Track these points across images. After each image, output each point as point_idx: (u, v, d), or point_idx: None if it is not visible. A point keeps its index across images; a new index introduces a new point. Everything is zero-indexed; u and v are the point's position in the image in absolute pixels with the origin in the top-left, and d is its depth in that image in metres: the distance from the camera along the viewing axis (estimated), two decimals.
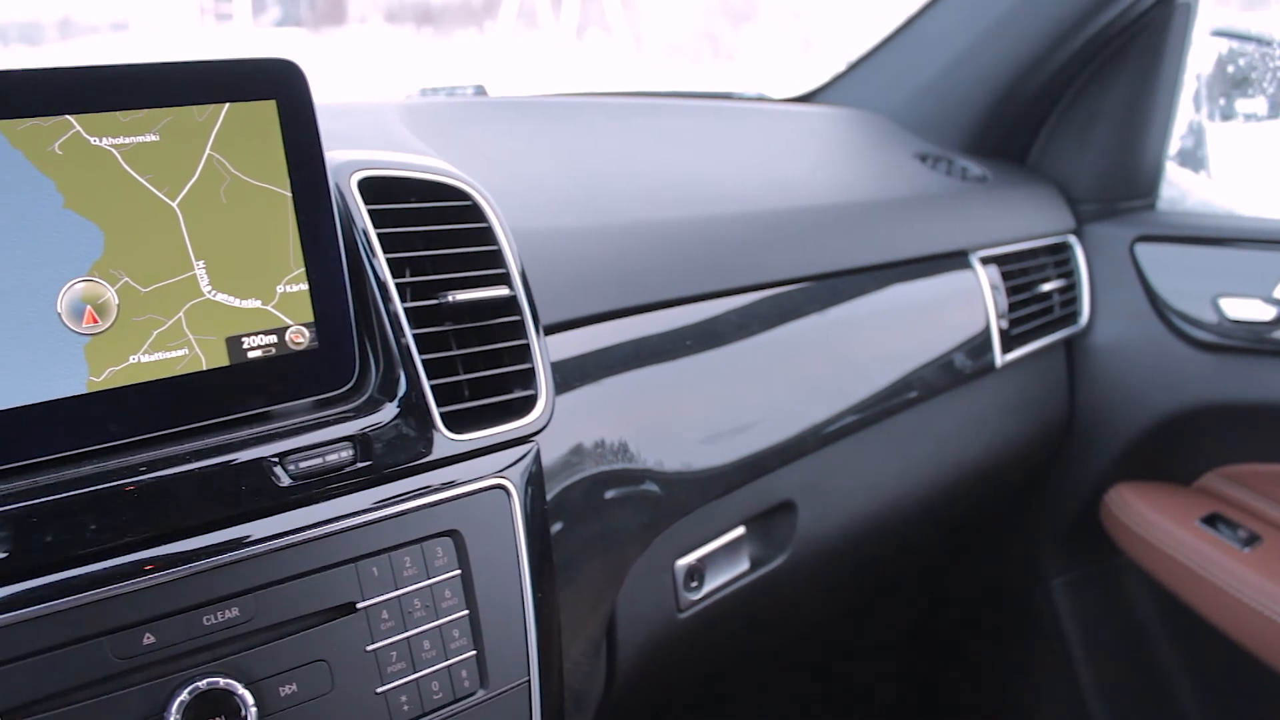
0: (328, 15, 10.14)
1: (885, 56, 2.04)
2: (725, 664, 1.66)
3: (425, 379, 0.94)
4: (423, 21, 10.51)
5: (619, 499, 1.13)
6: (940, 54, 1.94)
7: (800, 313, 1.41)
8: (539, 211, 1.17)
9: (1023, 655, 2.13)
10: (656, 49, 9.73)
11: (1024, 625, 2.11)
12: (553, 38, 9.39)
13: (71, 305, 0.83)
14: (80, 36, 8.58)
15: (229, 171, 0.90)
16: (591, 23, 9.75)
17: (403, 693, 0.89)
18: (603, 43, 9.43)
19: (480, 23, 10.38)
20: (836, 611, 1.89)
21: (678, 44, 9.87)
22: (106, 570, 0.79)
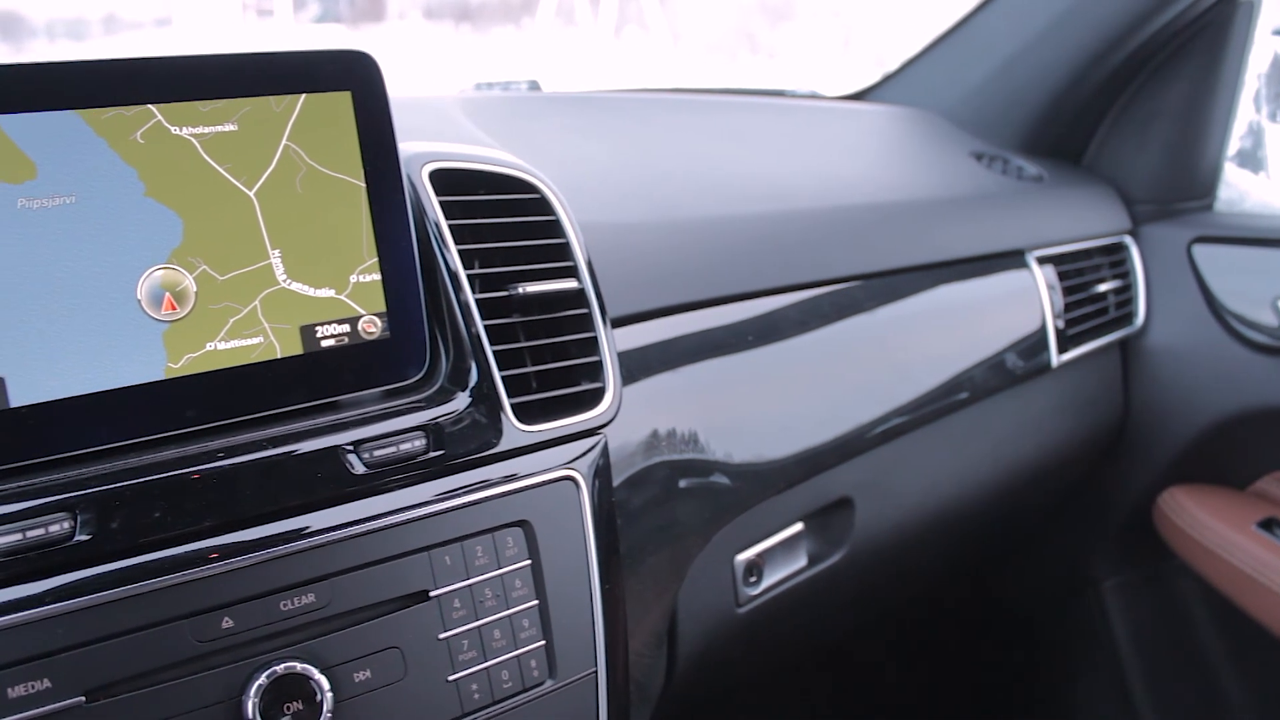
0: (367, 12, 10.20)
1: (940, 55, 2.03)
2: (780, 660, 1.66)
3: (497, 370, 0.95)
4: (461, 18, 10.54)
5: (681, 492, 1.13)
6: (997, 52, 1.93)
7: (859, 310, 1.41)
8: (601, 205, 1.17)
9: (1072, 657, 2.11)
10: (694, 47, 9.70)
11: (1074, 627, 2.09)
12: (591, 35, 9.39)
13: (151, 292, 0.84)
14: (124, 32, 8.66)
15: (304, 161, 0.91)
16: (629, 20, 9.74)
17: (473, 681, 0.90)
18: (641, 40, 9.42)
19: (518, 20, 10.40)
20: (889, 609, 1.89)
21: (715, 42, 9.85)
22: (186, 554, 0.80)
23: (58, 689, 0.75)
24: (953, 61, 2.01)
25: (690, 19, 10.74)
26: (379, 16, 10.32)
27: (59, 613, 0.76)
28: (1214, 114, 1.93)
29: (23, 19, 7.02)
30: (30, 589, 0.76)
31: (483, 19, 10.50)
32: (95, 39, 8.24)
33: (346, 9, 10.40)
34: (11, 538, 0.75)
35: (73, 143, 0.83)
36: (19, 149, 0.81)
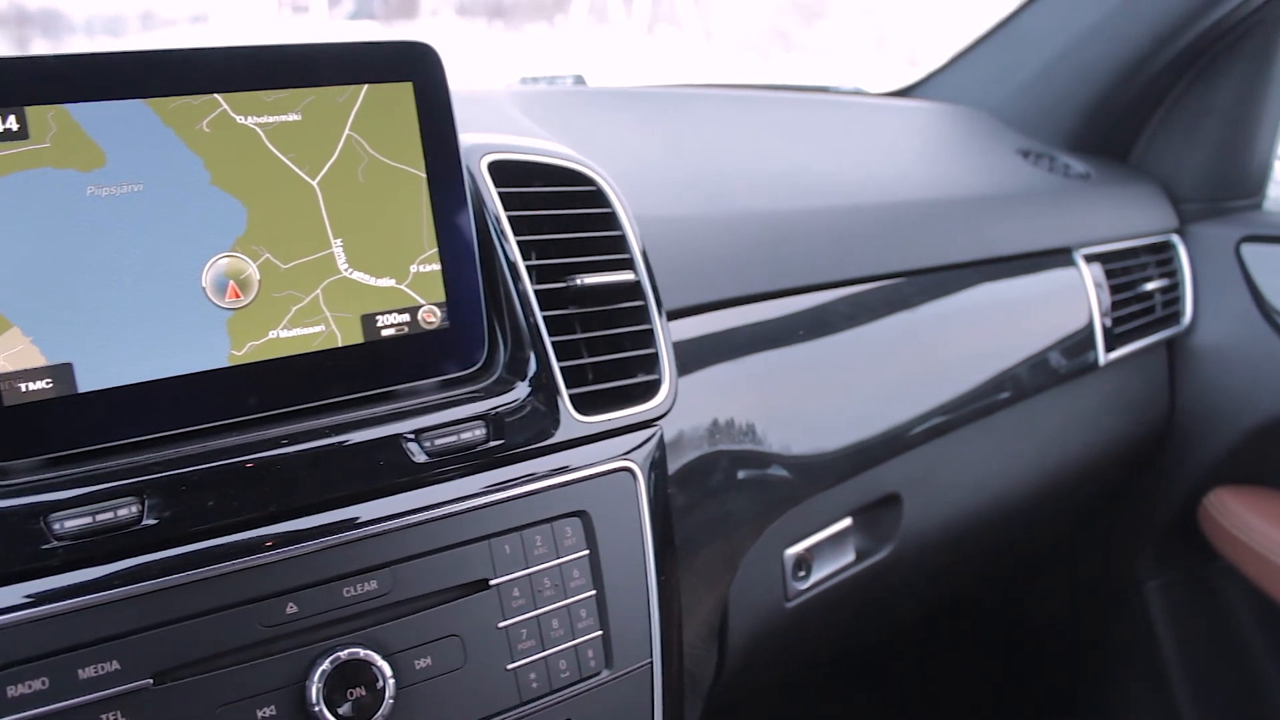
0: (400, 8, 10.22)
1: (985, 52, 2.02)
2: (824, 655, 1.66)
3: (555, 360, 0.95)
4: (494, 15, 10.56)
5: (734, 484, 1.13)
6: (1044, 50, 1.92)
7: (907, 305, 1.41)
8: (652, 198, 1.17)
9: (1114, 657, 2.10)
10: (727, 44, 9.69)
11: (1116, 628, 2.08)
12: (624, 33, 9.39)
13: (215, 280, 0.85)
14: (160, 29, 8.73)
15: (366, 152, 0.91)
16: (662, 18, 9.73)
17: (532, 670, 0.90)
18: (673, 38, 9.41)
19: (551, 17, 10.40)
20: (933, 606, 1.88)
21: (748, 40, 9.82)
22: (252, 540, 0.81)
23: (126, 671, 0.76)
24: (999, 59, 2.00)
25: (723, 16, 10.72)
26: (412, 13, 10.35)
27: (128, 596, 0.77)
28: (1264, 113, 1.92)
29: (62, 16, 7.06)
30: (100, 572, 0.77)
31: (515, 16, 10.51)
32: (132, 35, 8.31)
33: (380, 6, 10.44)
34: (81, 521, 0.76)
35: (141, 131, 0.84)
36: (89, 137, 0.82)
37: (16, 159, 0.80)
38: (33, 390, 0.79)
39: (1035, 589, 2.15)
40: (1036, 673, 2.18)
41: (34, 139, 0.80)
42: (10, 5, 5.32)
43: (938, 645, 2.12)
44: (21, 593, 0.75)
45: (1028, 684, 2.18)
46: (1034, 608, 2.16)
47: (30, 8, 5.91)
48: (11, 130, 0.80)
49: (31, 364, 0.79)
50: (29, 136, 0.80)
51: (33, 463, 0.80)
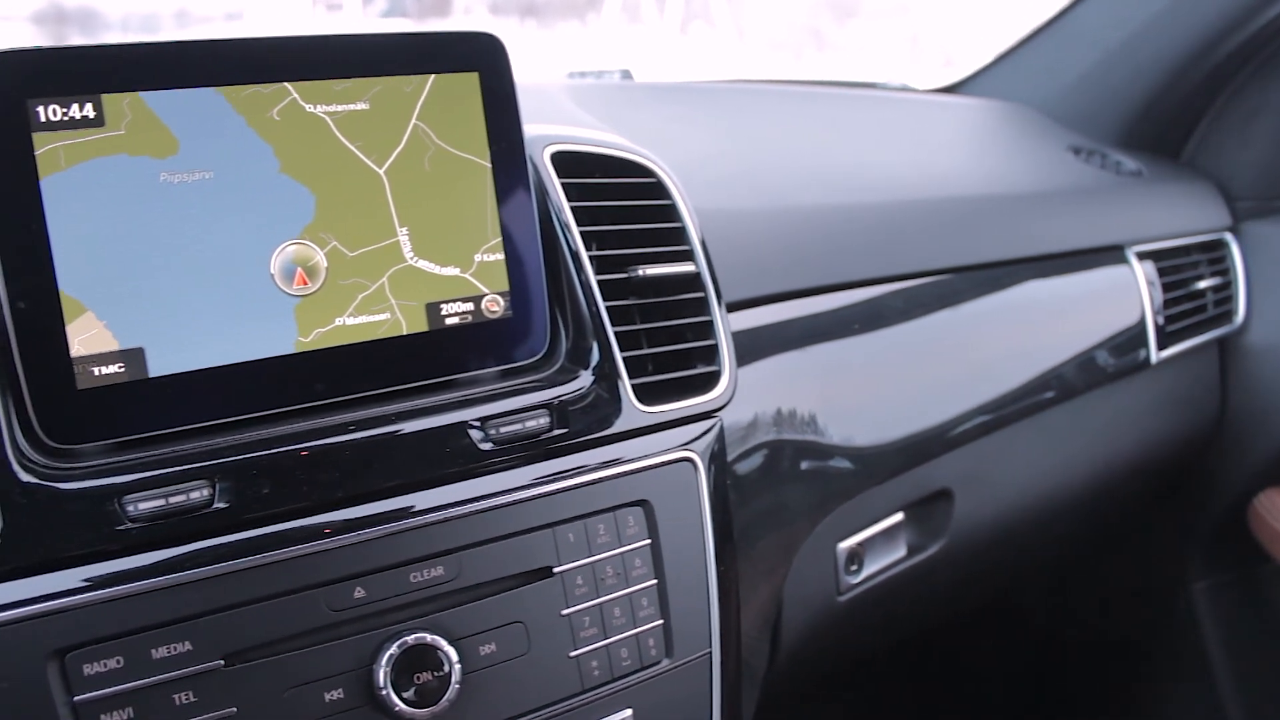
0: (433, 6, 10.24)
1: (1035, 49, 2.01)
2: (875, 649, 1.66)
3: (618, 350, 0.95)
4: (526, 13, 10.57)
5: (790, 476, 1.13)
6: (1096, 46, 1.90)
7: (959, 300, 1.40)
8: (706, 192, 1.17)
9: (1160, 658, 2.08)
10: (759, 43, 9.67)
11: (1163, 628, 2.06)
12: (656, 31, 9.40)
13: (284, 267, 0.86)
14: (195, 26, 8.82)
15: (433, 141, 0.92)
16: (695, 16, 9.73)
17: (594, 658, 0.91)
18: (706, 36, 9.41)
19: (583, 15, 10.41)
20: (982, 602, 1.88)
21: (781, 39, 9.81)
22: (320, 524, 0.82)
23: (198, 651, 0.77)
24: (1048, 55, 1.99)
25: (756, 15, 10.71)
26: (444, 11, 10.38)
27: (199, 578, 0.78)
28: None
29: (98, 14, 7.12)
30: (172, 553, 0.78)
31: (548, 14, 10.53)
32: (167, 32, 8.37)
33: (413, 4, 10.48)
34: (154, 503, 0.77)
35: (213, 119, 0.85)
36: (163, 124, 0.83)
37: (93, 146, 0.81)
38: (105, 374, 0.80)
39: (1082, 587, 2.13)
40: (1081, 671, 2.17)
41: (110, 126, 0.81)
42: (49, 4, 5.37)
43: (983, 641, 2.11)
44: (97, 573, 0.76)
45: (1072, 682, 2.17)
46: (1080, 606, 2.15)
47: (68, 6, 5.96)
48: (88, 117, 0.81)
49: (105, 348, 0.80)
50: (105, 124, 0.81)
51: (103, 446, 0.80)
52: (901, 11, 9.79)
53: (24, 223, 0.78)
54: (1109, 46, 1.89)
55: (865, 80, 2.02)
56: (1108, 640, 2.14)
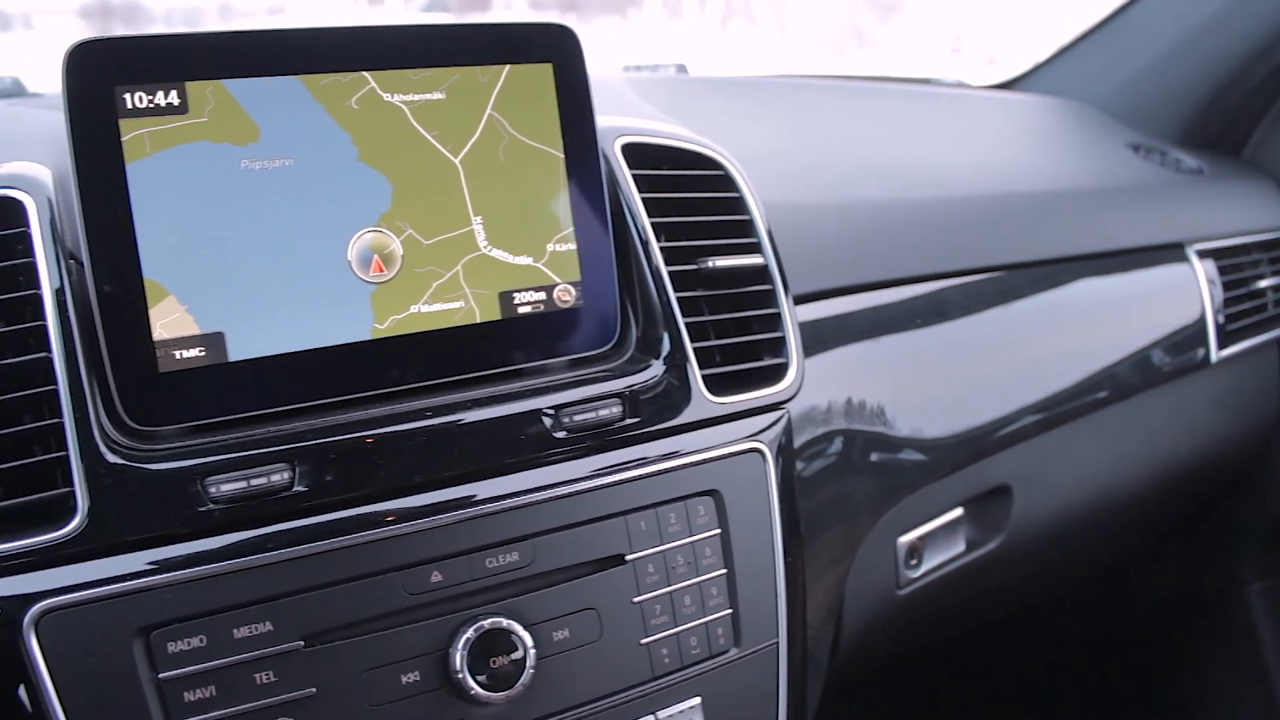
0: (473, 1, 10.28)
1: (1092, 46, 2.00)
2: (932, 643, 1.66)
3: (689, 341, 0.96)
4: (566, 9, 10.59)
5: (853, 469, 1.13)
6: (1156, 43, 1.89)
7: (1019, 296, 1.40)
8: (769, 185, 1.17)
9: (1214, 660, 2.06)
10: (800, 40, 9.63)
11: (1218, 631, 2.04)
12: (697, 27, 9.38)
13: (361, 254, 0.87)
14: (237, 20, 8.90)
15: (507, 131, 0.93)
16: (735, 13, 9.70)
17: (664, 645, 0.91)
18: (746, 33, 9.38)
19: (624, 11, 10.41)
20: (1038, 599, 1.87)
21: (822, 35, 9.76)
22: (397, 509, 0.83)
23: (279, 632, 0.78)
24: (1106, 52, 1.97)
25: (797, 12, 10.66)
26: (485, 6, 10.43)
27: (280, 560, 0.79)
28: None
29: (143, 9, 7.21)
30: (253, 535, 0.79)
31: (588, 10, 10.53)
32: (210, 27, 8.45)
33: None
34: (236, 485, 0.78)
35: (293, 107, 0.86)
36: (245, 112, 0.84)
37: (177, 132, 0.82)
38: (186, 358, 0.81)
39: (1137, 586, 2.11)
40: (1134, 672, 2.15)
41: (193, 113, 0.83)
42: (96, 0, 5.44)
43: (1038, 638, 2.10)
44: (180, 553, 0.77)
45: (1125, 683, 2.15)
46: (1135, 605, 2.13)
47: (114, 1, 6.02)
48: (173, 104, 0.82)
49: (186, 332, 0.81)
50: (189, 111, 0.82)
51: (182, 429, 0.82)
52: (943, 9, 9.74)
53: (110, 208, 0.79)
54: (1169, 43, 1.88)
55: (919, 76, 2.01)
56: (1161, 641, 2.12)
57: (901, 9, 10.20)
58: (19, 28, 4.45)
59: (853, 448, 1.13)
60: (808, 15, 10.04)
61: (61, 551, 0.75)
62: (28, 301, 0.80)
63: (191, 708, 0.76)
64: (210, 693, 0.76)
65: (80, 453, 0.76)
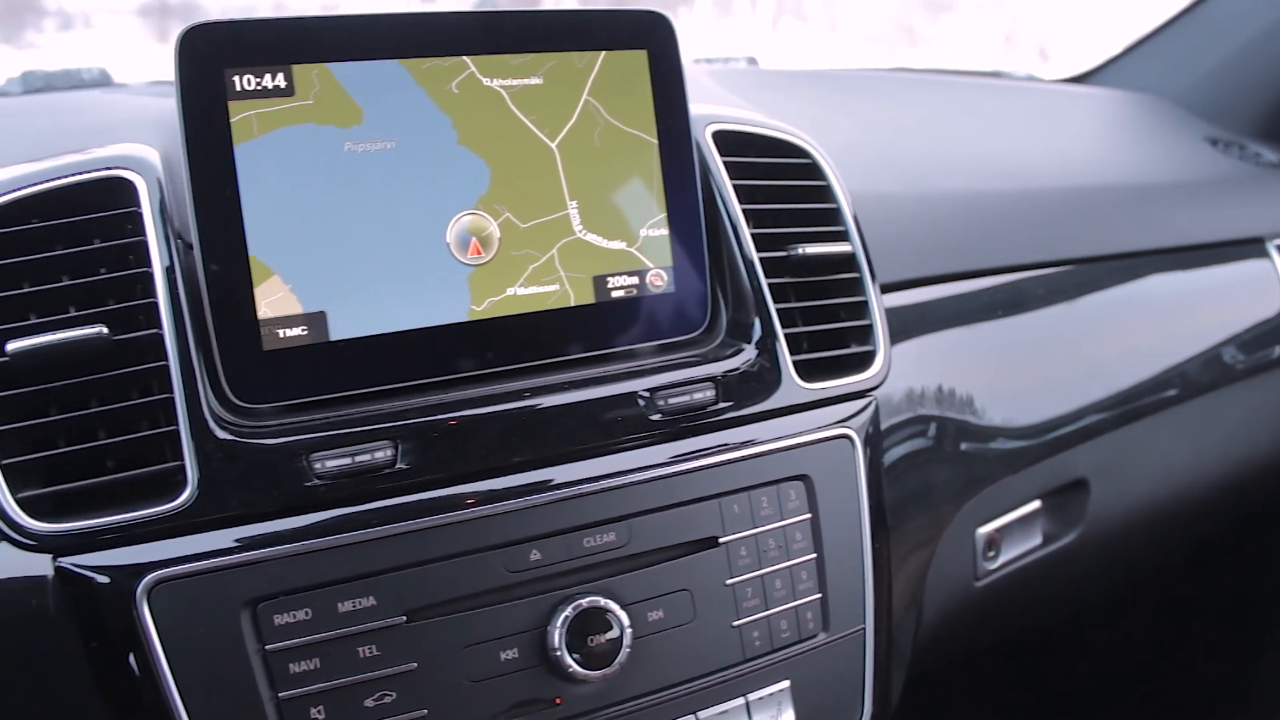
0: None
1: (1167, 39, 1.97)
2: (1007, 636, 1.66)
3: (780, 327, 0.96)
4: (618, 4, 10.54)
5: (937, 458, 1.13)
6: (1235, 36, 1.86)
7: (1098, 288, 1.39)
8: (853, 175, 1.17)
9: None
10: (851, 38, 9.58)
11: None
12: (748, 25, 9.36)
13: (459, 236, 0.88)
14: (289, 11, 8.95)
15: (602, 117, 0.93)
16: (786, 11, 9.68)
17: (755, 628, 0.92)
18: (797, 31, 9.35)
19: (674, 9, 10.36)
20: (1113, 594, 1.85)
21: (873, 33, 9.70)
22: (497, 488, 0.84)
23: (382, 607, 0.79)
24: (1182, 47, 1.95)
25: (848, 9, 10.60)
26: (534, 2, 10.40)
27: (383, 536, 0.80)
28: None
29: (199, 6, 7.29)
30: (356, 510, 0.80)
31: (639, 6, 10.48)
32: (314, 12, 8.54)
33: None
34: (340, 461, 0.79)
35: (395, 90, 0.87)
36: (349, 95, 0.85)
37: (283, 115, 0.84)
38: (289, 336, 0.83)
39: (1213, 583, 2.09)
40: (1209, 669, 2.12)
41: (299, 95, 0.84)
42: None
43: (1111, 633, 2.08)
44: (286, 526, 0.79)
45: (1200, 681, 2.12)
46: (1210, 602, 2.10)
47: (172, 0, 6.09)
48: (279, 87, 0.83)
49: (290, 311, 0.83)
50: (295, 93, 0.84)
51: (279, 407, 0.83)
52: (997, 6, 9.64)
53: (219, 188, 0.81)
54: (1248, 36, 1.85)
55: (989, 70, 2.00)
56: (1238, 640, 2.09)
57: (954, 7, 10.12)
58: (79, 26, 4.51)
59: (936, 436, 1.13)
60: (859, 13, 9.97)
61: (171, 524, 0.77)
62: (138, 279, 0.81)
63: (296, 679, 0.77)
64: (315, 665, 0.78)
65: (190, 428, 0.78)
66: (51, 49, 4.17)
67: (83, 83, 1.31)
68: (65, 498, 0.77)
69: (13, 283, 0.80)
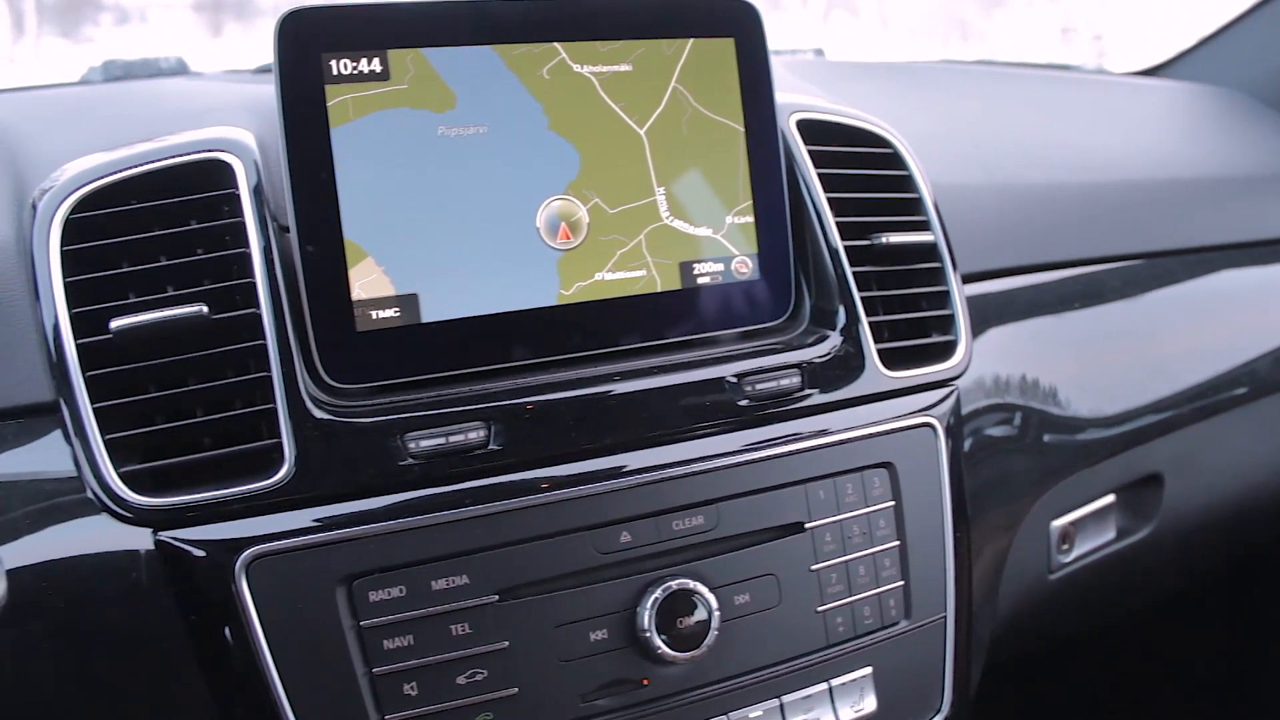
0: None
1: (1242, 32, 1.94)
2: (1079, 630, 1.64)
3: (864, 315, 0.96)
4: None
5: (1015, 449, 1.13)
6: None
7: (1175, 281, 1.38)
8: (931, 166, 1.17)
9: None
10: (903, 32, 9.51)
11: None
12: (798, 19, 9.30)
13: (549, 221, 0.89)
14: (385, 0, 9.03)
15: (690, 104, 0.94)
16: (837, 5, 9.62)
17: (839, 614, 0.92)
18: (848, 25, 9.29)
19: None
20: (1184, 590, 1.83)
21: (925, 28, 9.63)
22: (588, 470, 0.84)
23: (475, 586, 0.80)
24: (1257, 39, 1.92)
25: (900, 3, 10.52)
26: None
27: (476, 515, 0.81)
28: None
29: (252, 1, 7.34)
30: (450, 490, 0.81)
31: None
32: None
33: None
34: (435, 441, 0.80)
35: (488, 76, 0.88)
36: (442, 80, 0.86)
37: (378, 99, 0.85)
38: (382, 318, 0.84)
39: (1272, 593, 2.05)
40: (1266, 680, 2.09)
41: (394, 80, 0.85)
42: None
43: (1185, 629, 2.05)
44: (381, 505, 0.80)
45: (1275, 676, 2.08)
46: (1269, 612, 2.07)
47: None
48: (375, 71, 0.84)
49: (383, 293, 0.84)
50: (390, 78, 0.85)
51: (369, 388, 0.84)
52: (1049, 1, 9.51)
53: (316, 170, 0.82)
54: None
55: (1059, 63, 1.98)
56: None
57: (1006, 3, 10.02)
58: (135, 20, 4.58)
59: (1015, 427, 1.12)
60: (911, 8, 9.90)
61: (268, 500, 0.78)
62: (234, 260, 0.83)
63: (390, 655, 0.78)
64: (408, 641, 0.79)
65: (288, 406, 0.79)
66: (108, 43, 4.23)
67: (161, 71, 1.33)
68: (164, 473, 0.78)
69: (113, 262, 0.81)
